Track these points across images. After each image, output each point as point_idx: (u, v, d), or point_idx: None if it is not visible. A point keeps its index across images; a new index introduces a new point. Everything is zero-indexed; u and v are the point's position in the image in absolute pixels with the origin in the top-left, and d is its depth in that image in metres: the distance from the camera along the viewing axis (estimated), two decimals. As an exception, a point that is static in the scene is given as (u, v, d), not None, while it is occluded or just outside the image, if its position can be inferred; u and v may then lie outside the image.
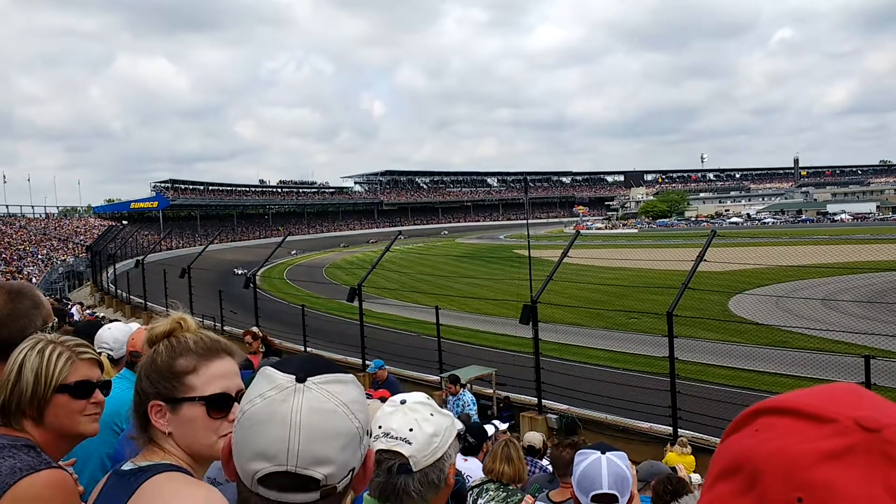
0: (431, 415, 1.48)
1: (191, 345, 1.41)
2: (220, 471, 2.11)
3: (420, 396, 1.56)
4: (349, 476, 0.95)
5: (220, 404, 1.38)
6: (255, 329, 7.77)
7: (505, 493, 3.55)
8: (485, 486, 3.64)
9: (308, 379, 0.94)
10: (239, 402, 1.34)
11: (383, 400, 2.31)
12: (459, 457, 4.10)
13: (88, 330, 3.64)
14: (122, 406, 2.17)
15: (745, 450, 0.55)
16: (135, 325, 3.72)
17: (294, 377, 0.94)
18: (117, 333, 3.35)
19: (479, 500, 3.55)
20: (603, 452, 2.47)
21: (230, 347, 1.47)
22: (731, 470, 0.56)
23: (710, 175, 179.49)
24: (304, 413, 0.91)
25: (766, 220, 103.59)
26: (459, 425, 1.59)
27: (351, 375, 0.99)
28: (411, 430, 1.44)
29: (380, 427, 1.46)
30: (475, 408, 8.99)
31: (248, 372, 2.39)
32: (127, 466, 1.36)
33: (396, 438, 1.43)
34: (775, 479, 0.52)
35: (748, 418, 0.58)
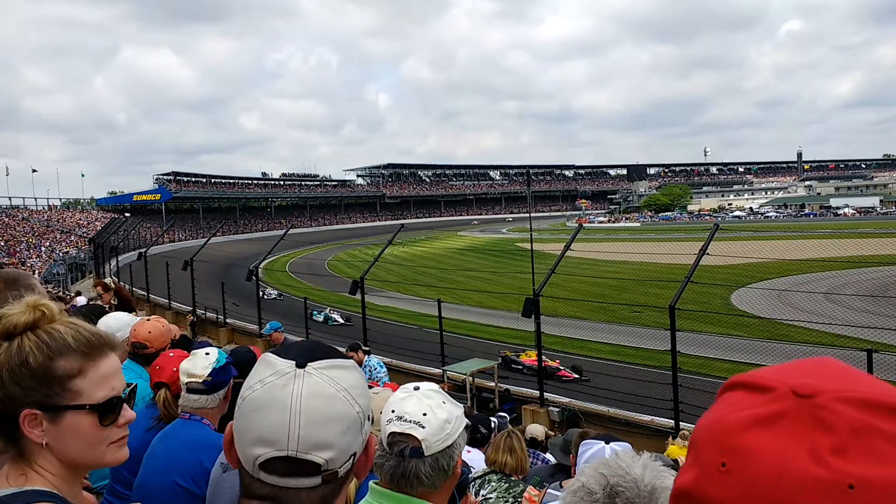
0: (444, 402, 1.52)
1: (70, 341, 1.19)
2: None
3: (433, 385, 1.59)
4: (350, 461, 0.96)
5: (111, 409, 1.22)
6: (107, 280, 7.43)
7: (507, 484, 3.58)
8: (487, 477, 3.66)
9: (308, 364, 0.94)
10: (128, 403, 1.26)
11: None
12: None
13: (90, 314, 3.64)
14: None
15: (699, 423, 0.59)
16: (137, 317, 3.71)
17: (294, 363, 0.94)
18: (111, 322, 3.31)
19: (482, 491, 3.57)
20: (607, 443, 2.49)
21: (112, 341, 1.30)
22: (690, 443, 0.59)
23: (713, 169, 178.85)
24: (304, 398, 0.91)
25: (768, 214, 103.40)
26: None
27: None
28: (425, 414, 1.47)
29: (393, 411, 1.49)
30: (384, 370, 8.89)
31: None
32: None
33: (410, 422, 1.46)
34: (706, 447, 0.55)
35: (718, 395, 0.61)
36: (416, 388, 1.55)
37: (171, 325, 3.58)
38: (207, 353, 2.64)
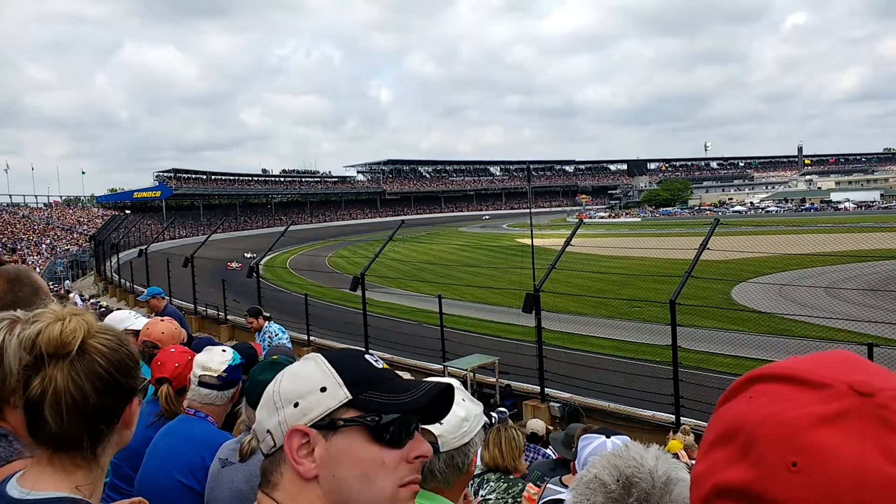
0: (463, 400, 1.49)
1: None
2: (233, 452, 2.11)
3: (453, 381, 1.57)
4: (271, 439, 0.96)
5: None
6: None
7: (506, 484, 3.54)
8: (485, 477, 3.63)
9: None
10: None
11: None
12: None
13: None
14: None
15: (739, 417, 0.56)
16: (143, 320, 3.64)
17: None
18: (113, 319, 3.29)
19: (481, 491, 3.53)
20: (608, 437, 2.49)
21: None
22: (725, 437, 0.56)
23: (714, 163, 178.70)
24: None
25: (769, 209, 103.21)
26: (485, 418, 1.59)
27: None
28: None
29: None
30: (286, 337, 8.72)
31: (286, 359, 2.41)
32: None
33: None
34: (770, 445, 0.53)
35: (742, 386, 0.59)
36: None
37: (182, 329, 3.52)
38: (224, 350, 2.63)
